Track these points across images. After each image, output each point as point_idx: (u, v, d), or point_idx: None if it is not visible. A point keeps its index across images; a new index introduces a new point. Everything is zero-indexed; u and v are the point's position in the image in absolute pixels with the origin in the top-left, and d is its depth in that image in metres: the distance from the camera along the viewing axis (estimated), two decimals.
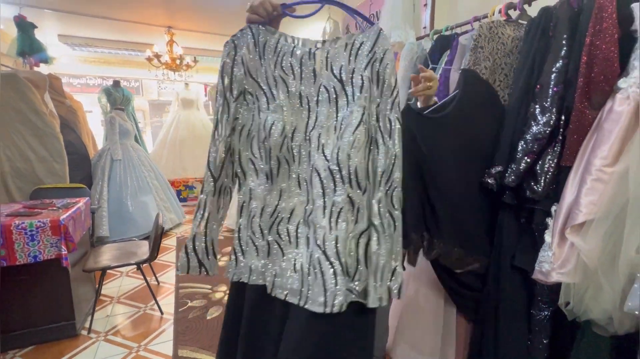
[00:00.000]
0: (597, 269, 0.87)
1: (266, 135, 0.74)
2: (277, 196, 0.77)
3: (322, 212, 0.72)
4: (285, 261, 0.77)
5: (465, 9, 1.94)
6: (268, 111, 0.76)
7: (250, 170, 0.79)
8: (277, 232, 0.77)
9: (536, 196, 1.00)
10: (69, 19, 3.47)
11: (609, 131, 0.86)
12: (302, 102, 0.78)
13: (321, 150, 0.74)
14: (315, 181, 0.73)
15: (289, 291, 0.75)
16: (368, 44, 0.75)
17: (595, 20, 0.89)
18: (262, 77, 0.78)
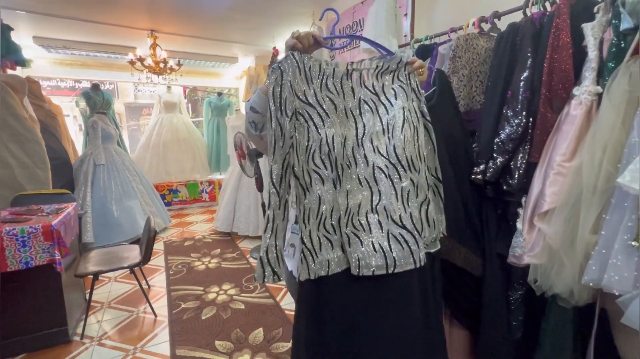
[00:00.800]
0: (560, 249, 1.01)
1: (330, 148, 0.88)
2: (345, 196, 0.91)
3: (396, 198, 0.91)
4: (364, 246, 0.90)
5: (442, 19, 2.10)
6: (324, 127, 0.89)
7: (315, 179, 0.90)
8: (353, 225, 0.91)
9: (511, 189, 1.14)
10: (46, 21, 3.37)
11: (566, 131, 1.01)
12: (347, 115, 0.93)
13: (377, 151, 0.93)
14: (380, 177, 0.91)
15: (375, 267, 0.89)
16: (392, 66, 0.97)
17: (554, 37, 1.04)
18: (312, 98, 0.90)
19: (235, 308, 2.25)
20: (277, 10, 3.21)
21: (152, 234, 2.10)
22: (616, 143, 0.91)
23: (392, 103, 0.94)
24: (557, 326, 1.11)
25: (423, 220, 0.94)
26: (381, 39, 1.92)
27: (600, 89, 0.98)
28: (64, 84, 6.36)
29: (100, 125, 3.48)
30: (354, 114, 0.94)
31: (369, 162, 0.92)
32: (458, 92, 1.35)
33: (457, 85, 1.35)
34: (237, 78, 6.04)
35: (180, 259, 3.12)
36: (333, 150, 0.88)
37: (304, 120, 0.89)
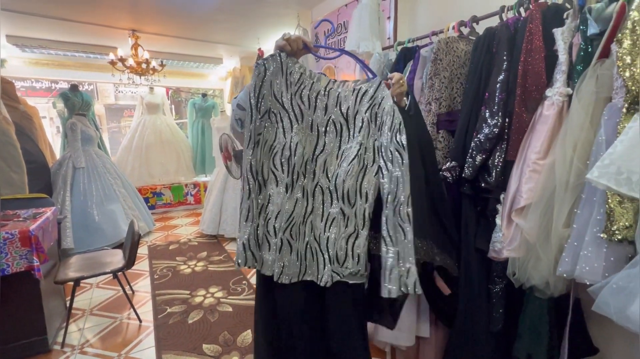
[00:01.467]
0: (536, 243, 1.06)
1: (291, 154, 0.92)
2: (293, 204, 0.95)
3: (320, 218, 0.97)
4: (292, 254, 0.96)
5: (424, 23, 2.16)
6: (292, 133, 0.93)
7: (270, 179, 0.95)
8: (290, 233, 0.96)
9: (489, 186, 1.19)
10: (20, 19, 3.25)
11: (540, 131, 1.06)
12: (312, 129, 0.96)
13: (325, 172, 0.96)
14: (317, 195, 0.96)
15: (292, 275, 0.96)
16: (371, 91, 0.95)
17: (527, 41, 1.09)
18: (287, 101, 0.93)
19: (223, 311, 2.23)
20: (261, 11, 3.21)
21: (136, 238, 2.06)
22: (585, 141, 0.96)
23: (354, 135, 0.95)
24: (535, 316, 1.16)
25: (349, 251, 0.96)
26: (365, 42, 1.96)
27: (570, 91, 1.04)
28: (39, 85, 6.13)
29: (79, 127, 3.38)
30: (319, 130, 0.96)
31: (315, 178, 0.97)
32: (440, 94, 1.39)
33: (439, 87, 1.39)
34: (222, 79, 5.99)
35: (165, 263, 3.07)
36: (293, 156, 0.93)
37: (275, 121, 0.94)
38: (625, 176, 0.81)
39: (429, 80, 1.41)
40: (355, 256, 0.96)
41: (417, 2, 2.18)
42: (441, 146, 1.40)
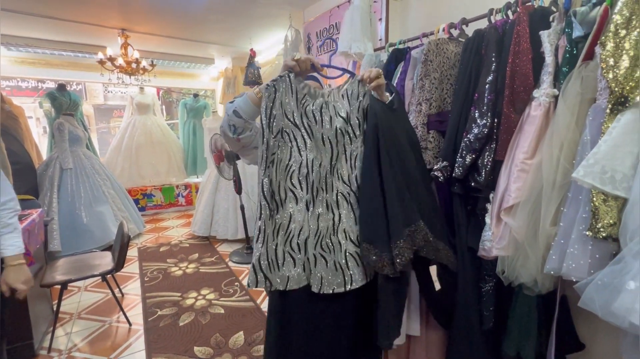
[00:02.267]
0: (524, 241, 1.08)
1: (309, 171, 0.94)
2: (317, 219, 0.97)
3: (354, 222, 1.00)
4: (329, 266, 0.97)
5: (414, 24, 2.18)
6: (306, 150, 0.95)
7: (289, 197, 0.96)
8: (321, 247, 0.97)
9: (479, 185, 1.21)
10: (5, 17, 3.17)
11: (527, 131, 1.08)
12: (324, 142, 0.99)
13: (340, 177, 0.99)
14: (341, 202, 0.99)
15: (336, 285, 0.97)
16: (355, 89, 1.01)
17: (515, 43, 1.11)
18: (298, 120, 0.95)
19: (215, 313, 2.21)
20: (253, 11, 3.20)
21: (126, 239, 2.03)
22: (571, 141, 0.99)
23: (355, 134, 1.01)
24: (523, 313, 1.18)
25: None
26: (357, 43, 1.97)
27: (556, 92, 1.06)
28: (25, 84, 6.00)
29: (67, 128, 3.32)
30: (331, 142, 0.99)
31: (334, 188, 0.99)
32: (430, 94, 1.41)
33: (430, 88, 1.41)
34: (214, 79, 5.94)
35: (155, 265, 3.03)
36: (312, 173, 0.94)
37: (288, 139, 0.96)
38: (609, 175, 0.83)
39: (419, 81, 1.42)
40: None
41: (408, 4, 2.21)
42: (431, 146, 1.41)
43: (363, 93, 1.01)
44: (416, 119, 1.41)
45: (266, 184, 0.92)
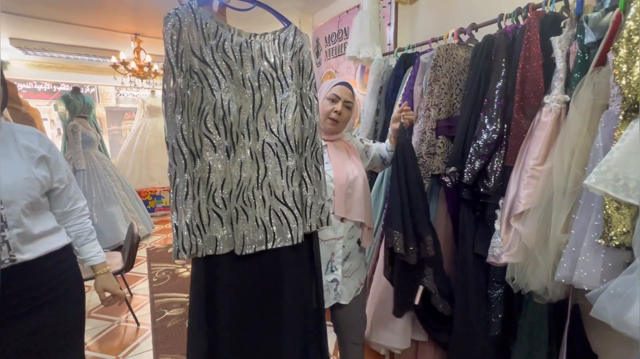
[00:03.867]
0: (534, 249, 1.07)
1: (225, 113, 0.83)
2: (239, 168, 0.86)
3: (281, 175, 0.91)
4: (249, 222, 0.88)
5: (423, 29, 2.18)
6: (220, 90, 0.83)
7: (205, 145, 0.83)
8: (243, 199, 0.87)
9: (488, 191, 1.20)
10: (24, 22, 3.28)
11: (538, 137, 1.07)
12: (244, 85, 0.87)
13: (268, 128, 0.90)
14: (268, 153, 0.89)
15: (257, 243, 0.88)
16: (289, 39, 0.92)
17: (525, 49, 1.11)
18: (208, 57, 0.82)
19: None
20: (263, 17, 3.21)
21: (136, 240, 2.06)
22: (583, 147, 0.98)
23: (287, 83, 0.91)
24: (534, 321, 1.16)
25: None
26: (365, 47, 1.98)
27: (567, 98, 1.05)
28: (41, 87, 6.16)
29: (80, 130, 3.39)
30: (252, 85, 0.88)
31: (259, 137, 0.89)
32: (439, 99, 1.41)
33: (439, 93, 1.41)
34: None
35: (164, 266, 3.06)
36: (229, 115, 0.83)
37: (198, 79, 0.82)
38: (622, 182, 0.81)
39: (428, 86, 1.43)
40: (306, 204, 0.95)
41: (417, 9, 2.21)
42: (440, 151, 1.41)
43: (300, 45, 0.92)
44: (425, 124, 1.42)
45: (184, 129, 0.80)
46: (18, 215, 0.88)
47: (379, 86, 1.84)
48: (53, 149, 0.98)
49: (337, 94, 1.19)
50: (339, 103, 1.18)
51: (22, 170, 0.90)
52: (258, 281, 0.91)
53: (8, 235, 0.86)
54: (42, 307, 0.93)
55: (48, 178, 0.96)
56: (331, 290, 1.15)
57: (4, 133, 0.91)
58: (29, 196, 0.90)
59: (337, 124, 1.19)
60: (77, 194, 1.08)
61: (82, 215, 1.08)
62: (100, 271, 1.11)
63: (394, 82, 1.73)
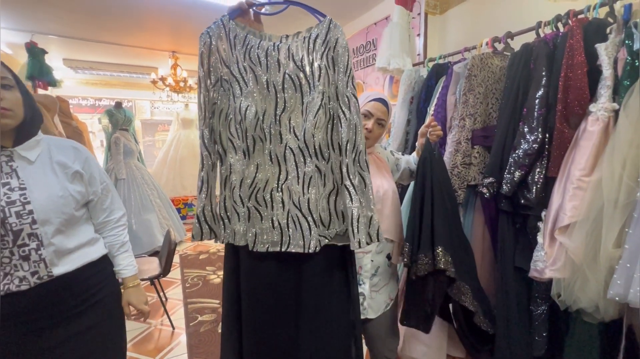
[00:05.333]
0: (583, 264, 1.01)
1: (242, 118, 0.87)
2: (255, 169, 0.90)
3: (297, 180, 0.88)
4: (263, 222, 0.90)
5: (453, 39, 2.17)
6: (241, 97, 0.88)
7: (229, 147, 0.90)
8: (256, 199, 0.90)
9: (529, 203, 1.16)
10: (75, 44, 3.60)
11: (584, 147, 1.03)
12: (269, 89, 0.87)
13: (292, 131, 0.88)
14: (289, 157, 0.88)
15: (270, 243, 0.89)
16: (322, 35, 0.85)
17: (568, 57, 1.08)
18: (234, 66, 0.89)
19: None
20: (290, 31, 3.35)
21: (173, 246, 2.16)
22: (635, 158, 0.93)
23: (314, 84, 0.86)
24: (584, 342, 1.09)
25: (332, 210, 0.90)
26: (396, 58, 2.00)
27: (616, 106, 1.01)
28: (85, 102, 6.66)
29: (122, 141, 3.63)
30: (276, 88, 0.87)
31: (283, 140, 0.88)
32: (475, 109, 1.39)
33: (474, 102, 1.39)
34: None
35: (196, 272, 3.16)
36: (244, 120, 0.86)
37: (226, 88, 0.89)
38: None
39: (462, 96, 1.42)
40: (339, 214, 0.90)
41: (447, 20, 2.21)
42: (476, 161, 1.38)
43: (335, 39, 0.84)
44: (459, 134, 1.40)
45: (206, 134, 0.89)
46: (53, 233, 0.89)
47: (410, 96, 1.85)
48: (88, 162, 0.99)
49: (370, 111, 1.16)
50: (371, 120, 1.15)
51: (56, 188, 0.90)
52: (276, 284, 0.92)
53: (44, 253, 0.87)
54: (80, 315, 0.95)
55: (83, 192, 0.96)
56: None
57: (42, 150, 0.92)
58: (63, 214, 0.90)
59: (367, 141, 1.17)
60: (114, 205, 1.07)
61: (117, 226, 1.06)
62: (129, 284, 1.07)
63: (425, 92, 1.73)
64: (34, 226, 0.86)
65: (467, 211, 1.43)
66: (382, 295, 1.18)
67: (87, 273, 0.97)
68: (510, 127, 1.25)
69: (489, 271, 1.39)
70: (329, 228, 0.91)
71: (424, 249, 1.06)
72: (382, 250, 1.15)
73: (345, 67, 0.85)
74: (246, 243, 0.91)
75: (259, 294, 0.92)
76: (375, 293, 1.16)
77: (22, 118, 0.87)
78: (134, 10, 2.88)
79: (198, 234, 0.92)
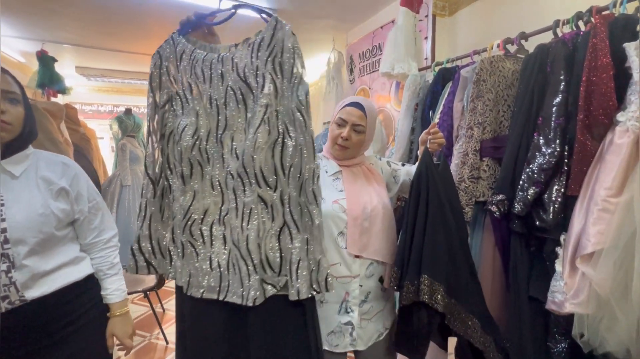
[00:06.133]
0: (610, 299, 0.86)
1: (180, 139, 0.77)
2: (191, 197, 0.78)
3: (235, 213, 0.74)
4: (199, 261, 0.78)
5: (464, 42, 2.04)
6: (182, 115, 0.79)
7: (175, 173, 0.81)
8: (190, 233, 0.78)
9: (546, 225, 1.02)
10: (87, 52, 3.66)
11: (611, 162, 0.89)
12: (211, 104, 0.78)
13: (234, 152, 0.75)
14: (229, 183, 0.75)
15: (206, 288, 0.77)
16: (267, 38, 0.73)
17: (591, 58, 0.94)
18: (179, 83, 0.81)
19: None
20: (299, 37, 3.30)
21: None
22: None
23: (256, 94, 0.74)
24: None
25: (285, 251, 0.76)
26: (400, 63, 1.88)
27: None
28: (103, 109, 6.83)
29: (128, 148, 3.64)
30: (217, 104, 0.77)
31: (225, 163, 0.76)
32: (484, 118, 1.26)
33: (483, 110, 1.26)
34: None
35: None
36: (180, 141, 0.77)
37: (175, 108, 0.82)
38: None
39: (470, 102, 1.29)
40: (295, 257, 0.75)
41: (457, 21, 2.08)
42: (485, 176, 1.25)
43: (282, 40, 0.72)
44: (466, 145, 1.27)
45: (149, 159, 0.81)
46: (26, 254, 0.82)
47: (415, 103, 1.72)
48: (77, 179, 0.92)
49: (343, 117, 1.03)
50: (346, 127, 1.02)
51: (37, 205, 0.84)
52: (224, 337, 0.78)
53: (15, 276, 0.80)
54: (62, 342, 0.87)
55: (68, 211, 0.89)
56: (346, 334, 1.00)
57: (29, 165, 0.87)
58: (40, 233, 0.83)
59: (347, 150, 1.05)
60: (104, 224, 0.99)
61: (106, 247, 0.98)
62: (115, 312, 0.96)
63: (431, 99, 1.60)
64: (5, 246, 0.79)
65: (475, 231, 1.29)
66: (375, 324, 1.06)
67: (69, 295, 0.89)
68: (523, 138, 1.11)
69: (500, 297, 1.24)
70: (280, 274, 0.75)
71: (410, 276, 0.93)
72: (373, 273, 1.03)
73: (291, 75, 0.73)
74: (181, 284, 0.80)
75: (205, 347, 0.80)
76: (367, 321, 1.03)
77: (19, 133, 0.84)
78: (141, 17, 2.88)
79: (132, 268, 0.83)
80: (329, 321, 1.00)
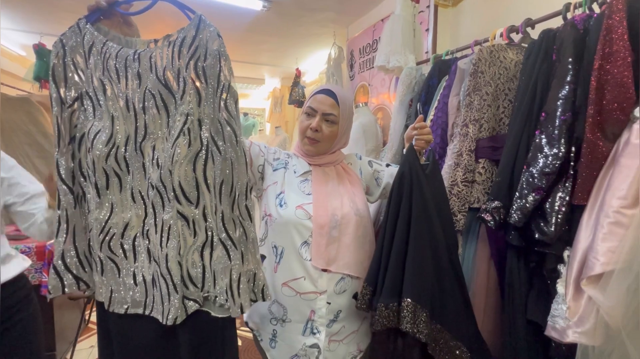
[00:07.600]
0: (621, 330, 0.72)
1: (91, 146, 0.69)
2: (108, 210, 0.72)
3: (155, 229, 0.70)
4: (122, 277, 0.73)
5: (468, 33, 1.88)
6: (94, 119, 0.70)
7: (87, 180, 0.73)
8: (110, 249, 0.73)
9: (546, 238, 0.87)
10: None
11: (627, 167, 0.74)
12: (129, 109, 0.70)
13: (156, 163, 0.69)
14: (151, 195, 0.70)
15: (131, 303, 0.73)
16: (189, 38, 0.66)
17: (604, 43, 0.79)
18: (88, 81, 0.71)
19: None
20: (296, 30, 3.19)
21: None
22: None
23: (178, 99, 0.68)
24: None
25: (207, 266, 0.71)
26: (396, 56, 1.74)
27: None
28: None
29: None
30: (135, 109, 0.70)
31: (147, 174, 0.70)
32: (481, 114, 1.12)
33: (480, 105, 1.12)
34: (265, 99, 6.15)
35: None
36: (92, 149, 0.69)
37: (83, 108, 0.72)
38: None
39: (466, 97, 1.15)
40: (218, 272, 0.71)
41: (461, 11, 1.93)
42: (481, 179, 1.11)
43: (205, 41, 0.66)
44: (461, 144, 1.13)
45: (62, 164, 0.69)
46: None
47: (409, 98, 1.59)
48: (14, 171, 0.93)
49: (312, 106, 0.93)
50: (315, 117, 0.92)
51: None
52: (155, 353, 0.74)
53: None
54: None
55: None
56: (312, 357, 0.89)
57: None
58: None
59: (317, 143, 0.93)
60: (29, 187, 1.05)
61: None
62: None
63: (425, 94, 1.46)
64: None
65: (468, 241, 1.15)
66: (348, 346, 0.93)
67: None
68: (523, 137, 0.96)
69: (495, 317, 1.09)
70: (203, 289, 0.71)
71: (385, 296, 0.80)
72: (344, 289, 0.90)
73: (217, 83, 0.66)
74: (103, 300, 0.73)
75: None
76: (337, 343, 0.91)
77: None
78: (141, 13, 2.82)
79: (57, 288, 0.72)
80: (292, 343, 0.89)
